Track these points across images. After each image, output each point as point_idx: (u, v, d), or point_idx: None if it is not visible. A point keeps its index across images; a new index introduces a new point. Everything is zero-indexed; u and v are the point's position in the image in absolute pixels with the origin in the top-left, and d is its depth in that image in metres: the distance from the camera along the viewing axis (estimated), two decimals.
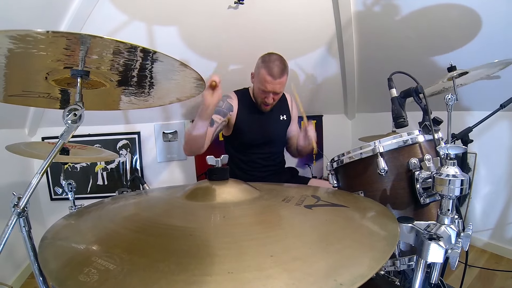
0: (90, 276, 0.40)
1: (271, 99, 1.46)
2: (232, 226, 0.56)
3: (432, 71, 1.83)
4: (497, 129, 1.84)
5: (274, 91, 1.43)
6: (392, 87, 0.93)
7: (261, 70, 1.41)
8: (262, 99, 1.48)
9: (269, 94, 1.44)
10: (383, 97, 1.35)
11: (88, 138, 2.22)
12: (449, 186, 0.60)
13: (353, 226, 0.60)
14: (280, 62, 1.41)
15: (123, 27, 1.76)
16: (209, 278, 0.39)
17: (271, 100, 1.46)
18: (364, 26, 2.03)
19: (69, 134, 0.59)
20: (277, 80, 1.39)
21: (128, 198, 0.85)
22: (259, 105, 1.53)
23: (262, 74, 1.40)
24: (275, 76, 1.38)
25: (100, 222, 0.66)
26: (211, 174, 0.74)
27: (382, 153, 0.82)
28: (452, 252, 0.58)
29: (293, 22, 2.00)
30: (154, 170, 2.41)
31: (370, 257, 0.46)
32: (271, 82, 1.39)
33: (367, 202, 0.77)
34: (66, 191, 1.30)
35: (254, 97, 1.54)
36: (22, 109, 1.90)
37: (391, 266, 0.82)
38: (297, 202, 0.68)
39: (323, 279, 0.39)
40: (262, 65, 1.42)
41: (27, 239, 0.57)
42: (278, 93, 1.46)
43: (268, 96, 1.45)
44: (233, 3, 1.81)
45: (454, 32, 1.66)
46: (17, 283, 1.74)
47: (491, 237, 1.94)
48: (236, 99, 1.55)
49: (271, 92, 1.43)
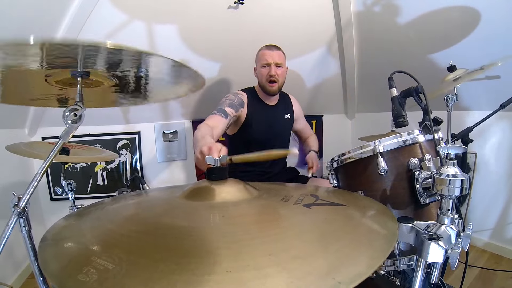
0: (90, 275, 0.40)
1: (274, 70, 1.51)
2: (231, 225, 0.56)
3: (432, 71, 1.83)
4: (497, 129, 1.84)
5: (274, 62, 1.51)
6: (393, 87, 0.93)
7: (259, 53, 1.58)
8: (266, 75, 1.53)
9: (271, 66, 1.51)
10: (383, 97, 1.35)
11: (88, 138, 2.22)
12: (449, 186, 0.60)
13: (352, 224, 0.60)
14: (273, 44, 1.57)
15: (123, 28, 1.76)
16: (208, 278, 0.39)
17: (274, 71, 1.51)
18: (364, 26, 2.03)
19: (69, 134, 0.59)
20: (274, 51, 1.52)
21: (128, 198, 0.85)
22: (266, 87, 1.56)
23: (260, 54, 1.56)
24: (272, 48, 1.53)
25: (100, 222, 0.66)
26: (210, 173, 0.74)
27: (382, 153, 0.82)
28: (452, 252, 0.58)
29: (293, 22, 2.00)
30: (154, 170, 2.41)
31: (369, 256, 0.46)
32: (270, 54, 1.52)
33: (365, 200, 0.77)
34: (66, 191, 1.30)
35: (260, 83, 1.59)
36: (22, 109, 1.90)
37: (391, 266, 0.82)
38: (296, 201, 0.68)
39: (322, 278, 0.39)
40: (259, 50, 1.58)
41: (27, 239, 0.57)
42: (279, 65, 1.52)
43: (271, 68, 1.52)
44: (233, 3, 1.81)
45: (454, 28, 1.66)
46: (17, 283, 1.74)
47: (491, 237, 1.94)
48: (245, 96, 1.58)
49: (272, 64, 1.51)
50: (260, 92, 1.60)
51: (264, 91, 1.58)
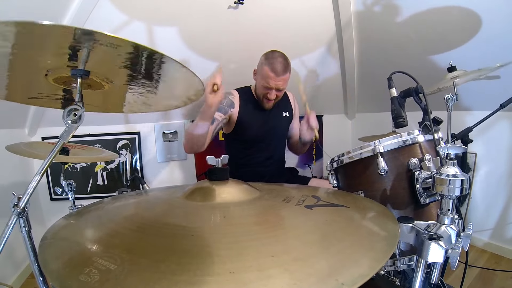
0: (91, 276, 0.40)
1: (274, 95, 1.48)
2: (233, 226, 0.56)
3: (432, 71, 1.83)
4: (497, 129, 1.84)
5: (277, 88, 1.45)
6: (392, 87, 0.93)
7: (264, 67, 1.44)
8: (264, 95, 1.50)
9: (272, 90, 1.46)
10: (383, 97, 1.35)
11: (88, 138, 2.22)
12: (449, 186, 0.60)
13: (354, 226, 0.60)
14: (283, 59, 1.44)
15: (123, 28, 1.76)
16: (210, 278, 0.39)
17: (273, 96, 1.48)
18: (364, 26, 2.03)
19: (69, 134, 0.58)
20: (279, 77, 1.42)
21: (128, 198, 0.85)
22: (261, 102, 1.54)
23: (265, 71, 1.43)
24: (278, 73, 1.41)
25: (100, 222, 0.66)
26: (211, 174, 0.74)
27: (382, 153, 0.82)
28: (452, 252, 0.58)
29: (293, 22, 2.00)
30: (154, 170, 2.41)
31: (371, 257, 0.46)
32: (274, 79, 1.42)
33: (366, 202, 0.77)
34: (66, 191, 1.30)
35: (257, 93, 1.56)
36: (22, 109, 1.90)
37: (391, 266, 0.82)
38: (297, 202, 0.68)
39: (324, 279, 0.39)
40: (265, 62, 1.44)
41: (27, 239, 0.57)
42: (281, 89, 1.48)
43: (271, 92, 1.47)
44: (233, 3, 1.81)
45: (454, 31, 1.66)
46: (17, 283, 1.74)
47: (491, 237, 1.94)
48: (237, 96, 1.56)
49: (274, 88, 1.46)
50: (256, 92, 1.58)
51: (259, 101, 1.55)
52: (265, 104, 1.53)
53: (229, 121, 1.55)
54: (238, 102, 1.54)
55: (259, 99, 1.54)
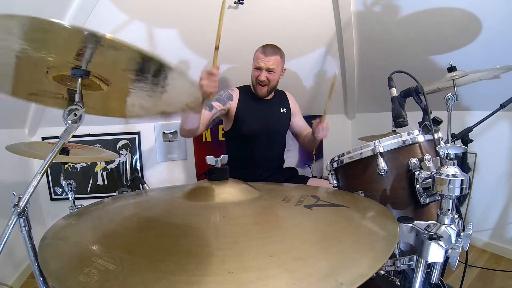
0: (91, 276, 0.40)
1: (264, 76, 1.51)
2: (232, 226, 0.56)
3: (432, 71, 1.83)
4: (497, 129, 1.84)
5: (266, 68, 1.49)
6: (392, 87, 0.93)
7: (255, 53, 1.55)
8: (256, 78, 1.54)
9: (262, 71, 1.50)
10: (383, 97, 1.35)
11: (88, 138, 2.22)
12: (449, 186, 0.60)
13: (353, 226, 0.60)
14: (273, 45, 1.53)
15: (123, 28, 1.76)
16: (209, 278, 0.39)
17: (263, 77, 1.51)
18: (364, 26, 2.03)
19: (69, 134, 0.58)
20: (268, 57, 1.49)
21: (128, 198, 0.85)
22: (255, 89, 1.57)
23: (256, 54, 1.54)
24: (267, 53, 1.50)
25: (100, 222, 0.66)
26: (210, 174, 0.73)
27: (382, 153, 0.82)
28: (452, 252, 0.58)
29: (293, 22, 2.00)
30: (154, 170, 2.41)
31: (370, 257, 0.46)
32: (263, 59, 1.49)
33: (366, 202, 0.77)
34: (66, 191, 1.30)
35: (252, 83, 1.60)
36: (22, 109, 1.90)
37: (391, 266, 0.82)
38: (297, 202, 0.68)
39: (324, 279, 0.40)
40: (257, 49, 1.55)
41: (27, 239, 0.57)
42: (271, 70, 1.50)
43: (261, 74, 1.51)
44: (233, 3, 1.81)
45: (454, 32, 1.66)
46: (17, 283, 1.74)
47: (491, 237, 1.94)
48: (237, 91, 1.61)
49: (263, 68, 1.49)
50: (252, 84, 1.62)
51: (254, 91, 1.60)
52: (259, 90, 1.56)
53: (228, 115, 1.58)
54: (237, 96, 1.58)
55: (254, 88, 1.58)
